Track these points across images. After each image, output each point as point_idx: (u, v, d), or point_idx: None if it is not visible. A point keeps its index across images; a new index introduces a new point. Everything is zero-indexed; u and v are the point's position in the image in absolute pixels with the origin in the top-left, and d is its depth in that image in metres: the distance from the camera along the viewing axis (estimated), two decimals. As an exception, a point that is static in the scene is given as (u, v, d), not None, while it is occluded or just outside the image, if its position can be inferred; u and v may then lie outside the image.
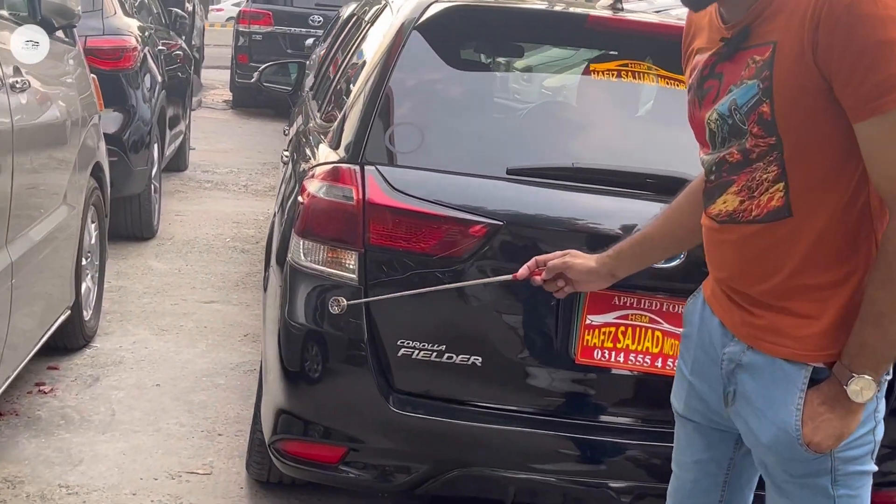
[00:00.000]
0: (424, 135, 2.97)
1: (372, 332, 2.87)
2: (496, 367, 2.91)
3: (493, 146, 3.05)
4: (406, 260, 2.85)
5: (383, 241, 2.84)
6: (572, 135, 3.22)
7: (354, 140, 2.97)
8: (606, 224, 2.87)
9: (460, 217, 2.82)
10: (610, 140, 3.21)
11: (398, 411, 2.86)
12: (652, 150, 3.18)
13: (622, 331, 2.90)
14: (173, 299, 5.86)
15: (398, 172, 2.91)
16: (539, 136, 3.16)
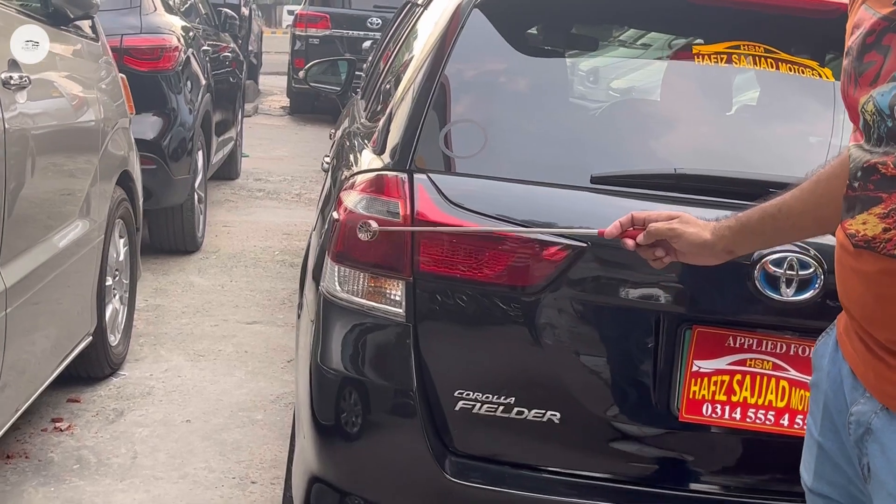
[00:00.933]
0: (487, 136, 2.40)
1: (423, 379, 2.30)
2: (578, 426, 2.33)
3: (572, 149, 2.47)
4: (465, 290, 2.28)
5: (437, 267, 2.27)
6: (670, 135, 2.62)
7: (402, 142, 2.41)
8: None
9: (532, 237, 2.25)
10: (718, 141, 2.61)
11: (456, 480, 2.29)
12: (773, 153, 2.56)
13: (738, 380, 2.30)
14: (213, 319, 5.37)
15: (455, 182, 2.34)
16: (629, 137, 2.56)
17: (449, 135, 2.41)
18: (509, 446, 2.35)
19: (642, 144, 2.54)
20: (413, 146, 2.37)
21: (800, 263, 2.21)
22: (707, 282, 2.26)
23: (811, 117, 2.72)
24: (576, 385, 2.31)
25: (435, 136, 2.40)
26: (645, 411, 2.33)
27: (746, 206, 2.32)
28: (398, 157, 2.39)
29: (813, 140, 2.68)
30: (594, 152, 2.46)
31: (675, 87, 3.03)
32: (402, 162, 2.37)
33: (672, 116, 2.86)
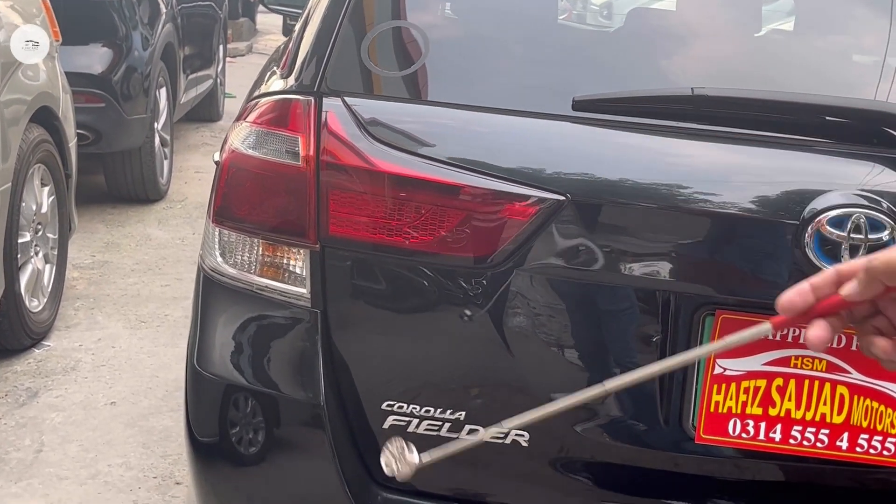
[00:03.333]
0: (430, 44, 1.71)
1: (337, 387, 1.65)
2: (554, 450, 1.68)
3: (550, 63, 1.78)
4: (395, 263, 1.62)
5: (354, 230, 1.61)
6: (684, 51, 1.93)
7: (310, 56, 1.73)
8: (764, 196, 1.59)
9: (491, 187, 1.57)
10: (744, 61, 1.91)
11: (382, 528, 1.65)
12: (810, 72, 1.87)
13: (779, 386, 1.64)
14: (166, 279, 4.73)
15: (382, 109, 1.66)
16: (628, 48, 1.87)
17: (375, 43, 1.73)
18: (461, 478, 1.71)
19: (647, 61, 1.84)
20: (325, 60, 1.69)
21: (869, 223, 1.53)
22: (736, 250, 1.60)
23: (854, 33, 2.02)
24: (549, 394, 1.65)
25: (356, 46, 1.71)
26: (649, 430, 1.67)
27: (793, 141, 1.66)
28: (303, 75, 1.71)
29: (857, 58, 1.99)
30: (580, 70, 1.77)
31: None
32: (308, 82, 1.69)
33: (687, 29, 2.16)
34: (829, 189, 1.56)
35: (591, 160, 1.62)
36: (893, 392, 1.64)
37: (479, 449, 1.65)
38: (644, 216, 1.59)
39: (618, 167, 1.62)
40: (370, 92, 1.69)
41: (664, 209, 1.59)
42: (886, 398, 1.64)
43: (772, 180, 1.62)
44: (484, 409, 1.65)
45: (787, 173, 1.62)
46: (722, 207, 1.59)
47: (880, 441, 1.64)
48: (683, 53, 1.92)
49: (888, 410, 1.64)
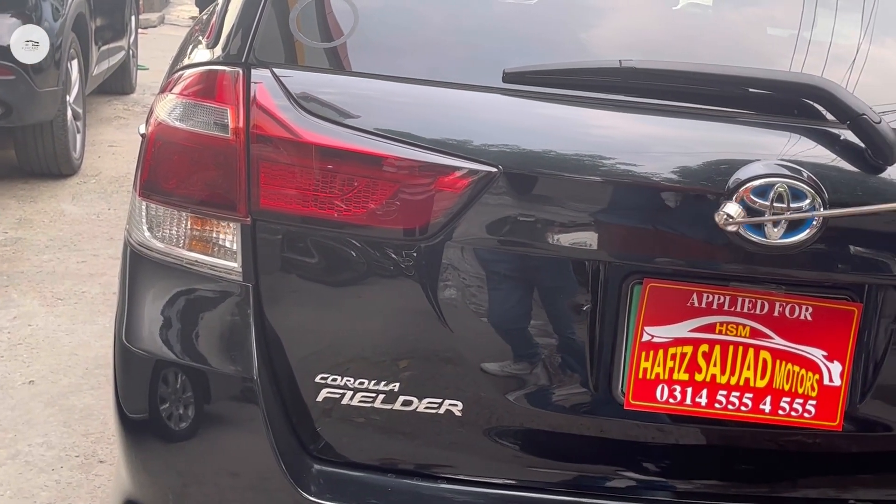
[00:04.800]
0: (359, 15, 1.70)
1: (271, 361, 1.64)
2: (487, 419, 1.70)
3: (479, 35, 1.78)
4: (327, 236, 1.62)
5: (285, 203, 1.60)
6: (604, 21, 1.95)
7: (237, 26, 1.70)
8: (690, 167, 1.62)
9: (422, 159, 1.58)
10: (671, 30, 1.95)
11: (317, 500, 1.64)
12: (728, 46, 1.91)
13: (705, 352, 1.68)
14: (82, 255, 4.63)
15: (311, 80, 1.65)
16: (559, 20, 1.88)
17: (304, 14, 1.71)
18: (395, 449, 1.72)
19: (572, 33, 1.86)
20: (252, 30, 1.67)
21: (791, 193, 1.58)
22: (662, 219, 1.63)
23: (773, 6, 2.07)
24: (482, 365, 1.67)
25: (284, 16, 1.69)
26: (578, 397, 1.70)
27: (721, 113, 1.70)
28: (230, 45, 1.68)
29: (776, 32, 2.04)
30: (511, 41, 1.77)
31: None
32: (236, 53, 1.66)
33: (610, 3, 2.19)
34: (752, 160, 1.60)
35: (522, 132, 1.63)
36: (814, 356, 1.69)
37: (413, 419, 1.67)
38: (574, 187, 1.61)
39: (548, 139, 1.64)
40: (299, 63, 1.68)
41: (593, 180, 1.61)
42: (807, 362, 1.69)
43: (697, 151, 1.65)
44: (417, 379, 1.66)
45: (712, 144, 1.66)
46: (649, 178, 1.61)
47: (801, 404, 1.69)
48: (607, 26, 1.94)
49: (808, 374, 1.69)
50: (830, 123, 1.66)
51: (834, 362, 1.69)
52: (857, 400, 1.72)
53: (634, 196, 1.62)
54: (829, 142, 1.65)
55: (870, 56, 1.89)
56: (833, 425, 1.70)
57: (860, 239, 1.66)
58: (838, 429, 1.70)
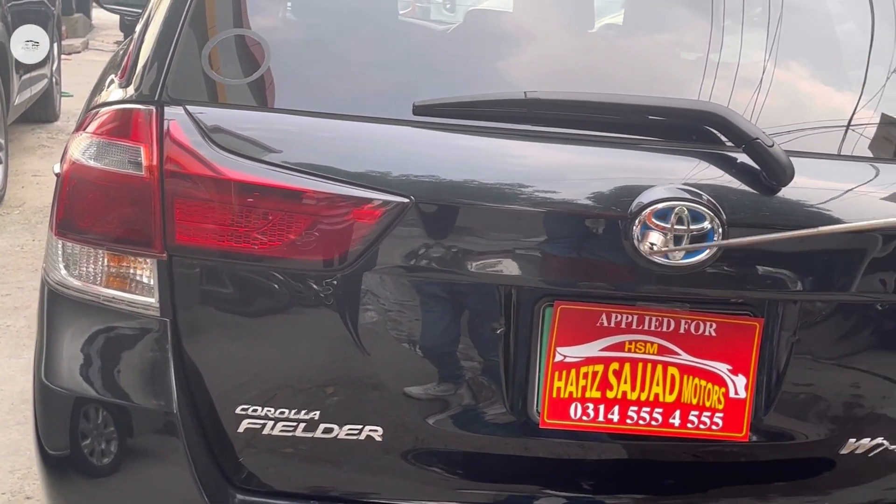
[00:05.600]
0: (271, 52, 1.74)
1: (191, 394, 1.67)
2: (407, 443, 1.74)
3: (390, 68, 1.83)
4: (243, 269, 1.64)
5: (200, 238, 1.62)
6: (520, 54, 2.01)
7: (150, 64, 1.73)
8: (595, 192, 1.69)
9: (335, 191, 1.61)
10: (584, 56, 2.01)
11: (241, 530, 1.67)
12: (642, 72, 1.98)
13: (615, 370, 1.74)
14: (6, 287, 4.57)
15: (224, 116, 1.68)
16: (470, 54, 1.94)
17: (217, 51, 1.74)
18: (319, 476, 1.75)
19: (485, 63, 1.92)
20: (165, 68, 1.70)
21: (691, 215, 1.65)
22: (570, 243, 1.69)
23: (684, 31, 2.16)
24: (401, 390, 1.71)
25: (197, 54, 1.72)
26: (495, 418, 1.75)
27: (622, 140, 1.77)
28: (144, 84, 1.71)
29: (687, 56, 2.12)
30: (421, 76, 1.82)
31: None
32: (149, 91, 1.69)
33: (523, 30, 2.26)
34: (654, 184, 1.67)
35: (434, 163, 1.68)
36: (719, 370, 1.76)
37: (334, 446, 1.71)
38: (485, 215, 1.66)
39: (459, 169, 1.69)
40: (212, 100, 1.71)
41: (503, 208, 1.66)
42: (713, 376, 1.76)
43: (602, 177, 1.71)
44: (338, 407, 1.70)
45: (616, 170, 1.72)
46: (556, 204, 1.67)
47: (709, 417, 1.76)
48: (520, 55, 2.00)
49: (715, 387, 1.76)
50: (728, 147, 1.73)
51: (738, 375, 1.76)
52: (762, 411, 1.79)
53: (542, 222, 1.68)
54: (727, 165, 1.73)
55: (776, 79, 1.97)
56: (740, 436, 1.77)
57: (758, 257, 1.73)
58: (745, 440, 1.78)
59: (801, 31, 2.06)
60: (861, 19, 2.18)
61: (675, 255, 1.65)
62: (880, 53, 2.08)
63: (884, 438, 1.85)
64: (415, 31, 2.22)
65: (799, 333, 1.78)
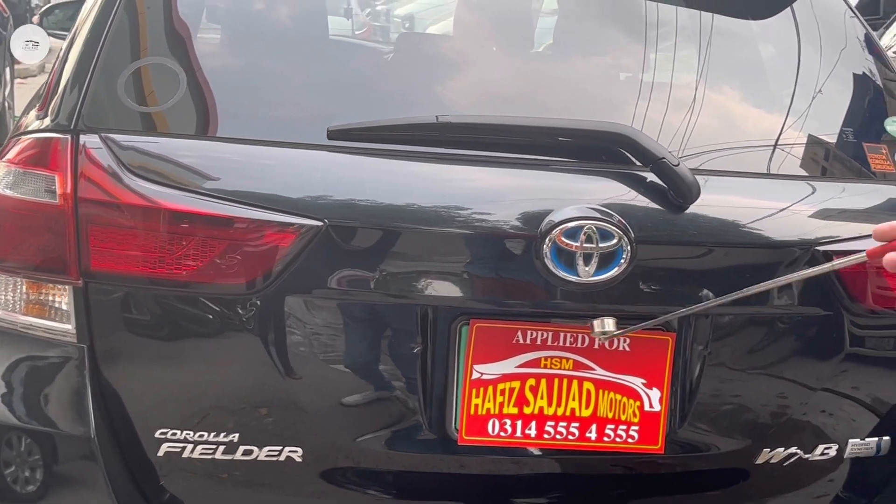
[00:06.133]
0: (186, 79, 1.76)
1: (110, 419, 1.68)
2: (328, 463, 1.77)
3: (307, 96, 1.87)
4: (159, 295, 1.67)
5: (115, 265, 1.64)
6: (437, 79, 2.05)
7: (67, 93, 1.75)
8: (508, 213, 1.73)
9: (249, 216, 1.64)
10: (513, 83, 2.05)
11: (161, 553, 1.69)
12: (574, 94, 2.03)
13: (532, 386, 1.78)
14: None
15: (139, 143, 1.71)
16: (392, 78, 1.98)
17: (132, 79, 1.76)
18: (240, 498, 1.77)
19: (404, 92, 1.96)
20: (82, 97, 1.72)
21: (600, 234, 1.69)
22: (485, 263, 1.72)
23: (611, 54, 2.21)
24: (320, 410, 1.74)
25: (113, 82, 1.75)
26: (415, 437, 1.78)
27: (535, 162, 1.81)
28: (61, 113, 1.73)
29: (622, 76, 2.18)
30: (336, 102, 1.86)
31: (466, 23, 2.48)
32: (64, 121, 1.71)
33: (455, 56, 2.31)
34: (564, 204, 1.71)
35: (347, 186, 1.71)
36: (634, 384, 1.81)
37: (255, 468, 1.73)
38: (397, 237, 1.69)
39: (373, 192, 1.72)
40: (127, 127, 1.72)
41: (417, 229, 1.70)
42: (628, 390, 1.80)
43: (514, 198, 1.75)
44: (258, 429, 1.72)
45: (528, 191, 1.76)
46: (470, 225, 1.71)
47: (625, 430, 1.80)
48: (449, 78, 2.04)
49: (630, 401, 1.80)
50: (637, 167, 1.78)
51: (653, 389, 1.80)
52: (677, 423, 1.84)
53: (456, 242, 1.71)
54: (636, 184, 1.77)
55: (693, 100, 2.03)
56: (656, 448, 1.81)
57: (668, 273, 1.78)
58: (661, 451, 1.81)
59: (719, 54, 2.12)
60: (777, 42, 2.25)
61: (585, 272, 1.69)
62: (789, 76, 2.15)
63: (797, 447, 1.90)
64: (340, 54, 2.25)
65: (710, 347, 1.82)
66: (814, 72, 2.12)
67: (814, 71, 2.13)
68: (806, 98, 2.10)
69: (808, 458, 1.91)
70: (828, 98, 2.08)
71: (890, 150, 2.01)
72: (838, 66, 2.12)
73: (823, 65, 2.14)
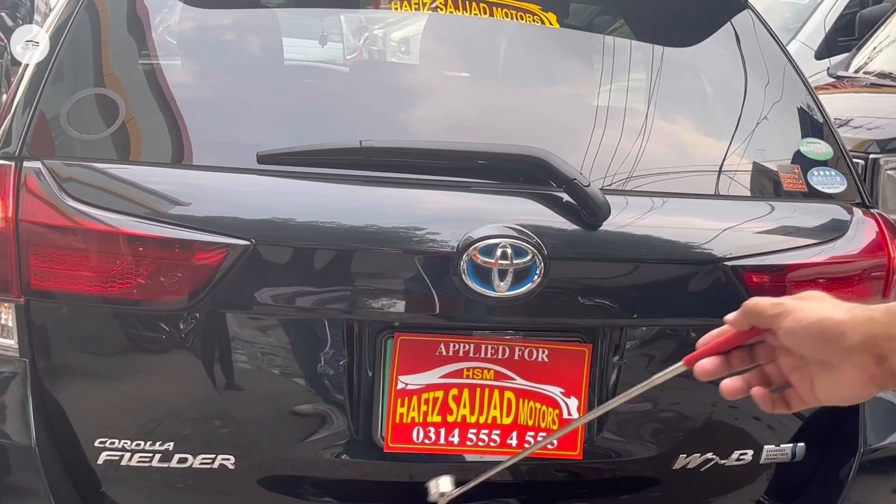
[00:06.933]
0: (127, 107, 1.88)
1: (52, 430, 1.78)
2: (259, 470, 1.87)
3: (240, 123, 1.97)
4: (96, 311, 1.77)
5: (55, 283, 1.75)
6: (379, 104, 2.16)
7: (14, 122, 1.86)
8: (428, 232, 1.83)
9: (178, 237, 1.74)
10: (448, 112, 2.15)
11: (101, 558, 1.78)
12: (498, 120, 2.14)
13: (455, 395, 1.88)
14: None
15: (79, 169, 1.82)
16: (318, 102, 2.09)
17: (75, 109, 1.87)
18: (176, 502, 1.86)
19: (334, 118, 2.07)
20: (26, 125, 1.83)
21: (514, 251, 1.79)
22: (407, 279, 1.82)
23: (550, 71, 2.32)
24: (251, 420, 1.84)
25: (57, 111, 1.86)
26: (343, 445, 1.87)
27: (457, 184, 1.92)
28: (8, 140, 1.84)
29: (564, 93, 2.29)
30: (269, 127, 1.96)
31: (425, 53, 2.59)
32: (10, 149, 1.82)
33: (408, 81, 2.43)
34: (482, 223, 1.81)
35: (275, 208, 1.82)
36: (553, 393, 1.90)
37: (190, 475, 1.82)
38: (323, 255, 1.79)
39: (299, 213, 1.82)
40: (69, 154, 1.83)
41: (341, 248, 1.80)
42: (547, 399, 1.90)
43: (435, 218, 1.86)
44: (189, 438, 1.81)
45: (447, 211, 1.87)
46: (391, 243, 1.81)
47: (544, 437, 1.89)
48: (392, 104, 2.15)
49: (549, 409, 1.90)
50: (552, 188, 1.88)
51: (571, 398, 1.90)
52: (595, 431, 1.93)
53: (379, 260, 1.82)
54: (551, 204, 1.88)
55: (628, 124, 2.14)
56: (574, 454, 1.91)
57: (583, 287, 1.88)
58: (580, 458, 1.91)
59: (647, 81, 2.23)
60: (703, 67, 2.36)
61: (501, 287, 1.79)
62: (711, 100, 2.26)
63: (713, 453, 1.99)
64: (287, 79, 2.34)
65: (626, 357, 1.92)
66: (735, 96, 2.23)
67: (735, 95, 2.23)
68: (726, 121, 2.20)
69: (725, 463, 2.00)
70: (746, 119, 2.18)
71: (803, 170, 2.11)
72: (756, 88, 2.22)
73: (745, 88, 2.24)
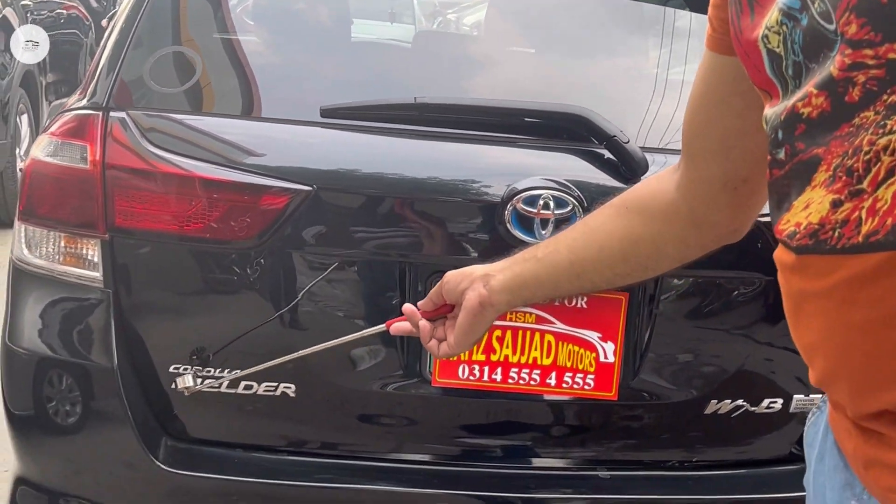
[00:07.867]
0: (203, 65, 2.05)
1: (131, 355, 1.97)
2: (318, 399, 2.03)
3: (308, 82, 2.14)
4: (172, 248, 1.95)
5: (136, 221, 1.93)
6: (437, 70, 2.31)
7: (101, 77, 2.05)
8: (476, 183, 1.98)
9: (247, 181, 1.91)
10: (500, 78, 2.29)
11: (171, 469, 1.96)
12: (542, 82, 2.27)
13: (498, 336, 2.01)
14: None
15: (159, 119, 1.99)
16: (379, 67, 2.24)
17: (156, 66, 2.06)
18: (240, 427, 2.04)
19: (394, 77, 2.22)
20: (113, 80, 2.01)
21: (556, 202, 1.92)
22: (455, 225, 1.97)
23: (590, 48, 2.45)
24: (311, 353, 2.00)
25: (140, 67, 2.04)
26: (394, 377, 2.03)
27: (505, 140, 2.05)
28: (96, 93, 2.03)
29: (599, 68, 2.41)
30: (331, 84, 2.12)
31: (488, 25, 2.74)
32: (98, 100, 2.01)
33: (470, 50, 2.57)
34: (526, 176, 1.95)
35: (335, 158, 1.98)
36: (591, 338, 2.03)
37: (254, 401, 1.99)
38: (379, 202, 1.95)
39: (357, 163, 1.98)
40: (151, 106, 2.02)
41: (396, 196, 1.95)
42: (585, 343, 2.03)
43: (482, 171, 2.00)
44: (254, 366, 1.98)
45: (495, 164, 2.01)
46: (441, 193, 1.96)
47: (582, 378, 2.03)
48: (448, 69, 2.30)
49: (587, 353, 2.02)
50: (594, 144, 2.01)
51: (608, 342, 2.03)
52: (630, 374, 2.05)
53: (431, 207, 1.96)
54: (593, 159, 2.00)
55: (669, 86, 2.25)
56: (610, 395, 2.03)
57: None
58: (615, 398, 2.03)
59: (678, 46, 2.34)
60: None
61: (544, 235, 1.92)
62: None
63: (743, 401, 2.10)
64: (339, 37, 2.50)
65: (661, 306, 2.04)
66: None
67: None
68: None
69: (755, 410, 2.11)
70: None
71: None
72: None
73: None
